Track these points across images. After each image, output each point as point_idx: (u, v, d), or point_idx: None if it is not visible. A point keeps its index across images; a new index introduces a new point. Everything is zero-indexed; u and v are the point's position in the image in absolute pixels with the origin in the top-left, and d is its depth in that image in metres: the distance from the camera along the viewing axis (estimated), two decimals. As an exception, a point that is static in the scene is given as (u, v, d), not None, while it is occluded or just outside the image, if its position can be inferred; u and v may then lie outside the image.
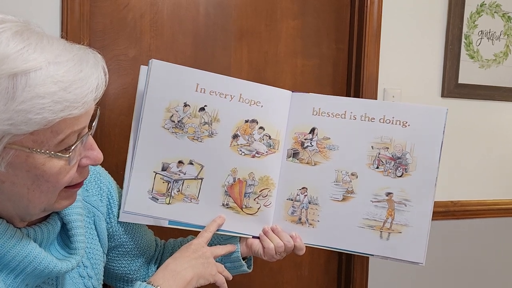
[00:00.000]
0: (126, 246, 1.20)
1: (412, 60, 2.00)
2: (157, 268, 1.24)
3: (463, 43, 2.04)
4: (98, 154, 0.88)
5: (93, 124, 0.88)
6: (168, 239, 1.34)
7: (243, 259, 1.23)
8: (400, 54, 1.98)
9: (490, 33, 2.08)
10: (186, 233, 1.28)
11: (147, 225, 1.24)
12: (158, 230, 1.29)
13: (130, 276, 1.23)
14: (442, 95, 2.05)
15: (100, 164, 1.15)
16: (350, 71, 1.97)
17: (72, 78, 0.76)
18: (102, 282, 1.12)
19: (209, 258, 1.12)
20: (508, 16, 2.11)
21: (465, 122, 2.11)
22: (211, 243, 1.22)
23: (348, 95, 1.98)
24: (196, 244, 1.12)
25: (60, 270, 0.90)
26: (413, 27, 1.99)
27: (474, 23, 2.05)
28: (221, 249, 1.17)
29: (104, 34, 1.66)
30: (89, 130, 0.86)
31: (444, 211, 2.09)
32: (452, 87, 2.05)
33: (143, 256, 1.24)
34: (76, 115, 0.78)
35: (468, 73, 2.06)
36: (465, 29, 2.04)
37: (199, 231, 1.18)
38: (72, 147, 0.81)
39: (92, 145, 0.87)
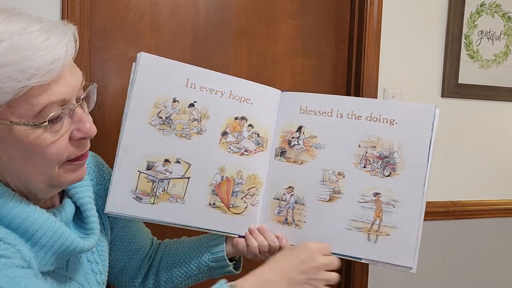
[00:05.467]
0: (123, 240, 1.19)
1: (412, 60, 1.98)
2: (150, 265, 1.24)
3: (463, 43, 2.02)
4: (89, 127, 0.88)
5: (81, 97, 0.88)
6: (164, 239, 1.32)
7: (231, 260, 1.20)
8: (400, 54, 1.96)
9: (490, 33, 2.06)
10: (182, 234, 1.26)
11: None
12: (157, 230, 1.27)
13: (123, 270, 1.22)
14: (442, 95, 2.03)
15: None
16: (350, 71, 1.95)
17: (36, 47, 0.78)
18: (107, 269, 1.11)
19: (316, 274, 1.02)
20: (508, 16, 2.08)
21: (465, 122, 2.09)
22: (198, 247, 1.20)
23: (348, 95, 1.95)
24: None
25: (83, 247, 0.93)
26: (413, 27, 1.97)
27: (474, 23, 2.02)
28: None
29: (104, 34, 1.64)
30: (77, 103, 0.87)
31: (444, 211, 2.07)
32: (452, 87, 2.03)
33: (138, 252, 1.22)
34: (45, 83, 0.79)
35: (468, 73, 2.04)
36: (465, 29, 2.01)
37: (191, 229, 1.15)
38: (49, 117, 0.81)
39: (81, 117, 0.87)
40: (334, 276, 1.04)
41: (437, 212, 2.06)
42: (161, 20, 1.71)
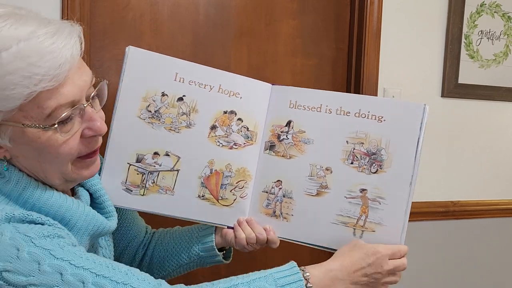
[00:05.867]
0: (120, 228, 1.22)
1: (412, 60, 1.98)
2: (144, 253, 1.27)
3: (463, 43, 2.01)
4: (100, 125, 0.90)
5: (91, 95, 0.90)
6: (158, 229, 1.34)
7: (221, 250, 1.22)
8: (400, 53, 1.96)
9: (490, 33, 2.05)
10: (176, 223, 1.25)
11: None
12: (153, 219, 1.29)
13: (119, 257, 1.25)
14: (442, 95, 2.03)
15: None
16: (350, 71, 1.95)
17: (41, 52, 0.80)
18: (113, 253, 1.15)
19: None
20: (508, 16, 2.08)
21: (465, 122, 2.09)
22: (189, 237, 1.23)
23: (348, 95, 1.97)
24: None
25: (110, 227, 1.00)
26: (413, 27, 1.97)
27: (474, 23, 2.02)
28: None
29: (104, 34, 1.66)
30: (87, 101, 0.89)
31: (444, 211, 2.06)
32: (452, 87, 2.02)
33: (133, 239, 1.26)
34: (52, 88, 0.81)
35: (468, 73, 2.04)
36: (465, 29, 2.01)
37: (183, 220, 1.17)
38: (59, 119, 0.84)
39: (91, 116, 0.89)
40: (393, 279, 1.06)
41: (437, 212, 2.06)
42: (161, 20, 1.72)
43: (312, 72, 1.93)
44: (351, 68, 1.96)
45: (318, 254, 1.94)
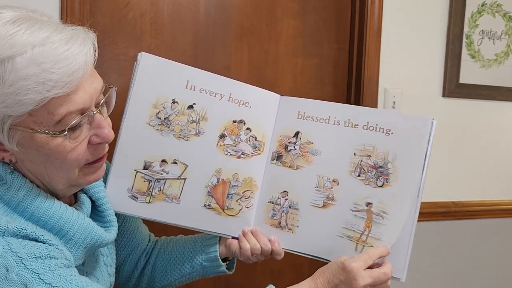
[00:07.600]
0: (123, 235, 1.21)
1: (413, 60, 1.97)
2: (147, 261, 1.26)
3: (464, 43, 2.01)
4: (107, 132, 0.90)
5: (101, 102, 0.90)
6: (161, 236, 1.33)
7: (224, 260, 1.21)
8: (401, 53, 1.95)
9: (491, 33, 2.05)
10: (180, 231, 1.26)
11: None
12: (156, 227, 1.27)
13: (122, 265, 1.24)
14: (443, 95, 2.02)
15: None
16: (351, 71, 1.94)
17: (56, 59, 0.80)
18: (115, 260, 1.14)
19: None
20: (509, 16, 2.07)
21: (466, 122, 2.08)
22: (193, 246, 1.22)
23: (349, 95, 1.95)
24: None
25: (108, 239, 0.98)
26: (414, 26, 1.96)
27: (475, 22, 2.02)
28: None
29: (104, 33, 1.64)
30: (96, 108, 0.88)
31: (445, 212, 2.06)
32: (453, 87, 2.02)
33: (136, 247, 1.25)
34: (64, 94, 0.81)
35: (469, 73, 2.04)
36: (466, 29, 2.00)
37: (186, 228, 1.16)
38: (69, 126, 0.84)
39: (100, 123, 0.89)
40: None
41: (438, 212, 2.05)
42: (161, 19, 1.70)
43: (313, 72, 1.91)
44: (352, 68, 1.95)
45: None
